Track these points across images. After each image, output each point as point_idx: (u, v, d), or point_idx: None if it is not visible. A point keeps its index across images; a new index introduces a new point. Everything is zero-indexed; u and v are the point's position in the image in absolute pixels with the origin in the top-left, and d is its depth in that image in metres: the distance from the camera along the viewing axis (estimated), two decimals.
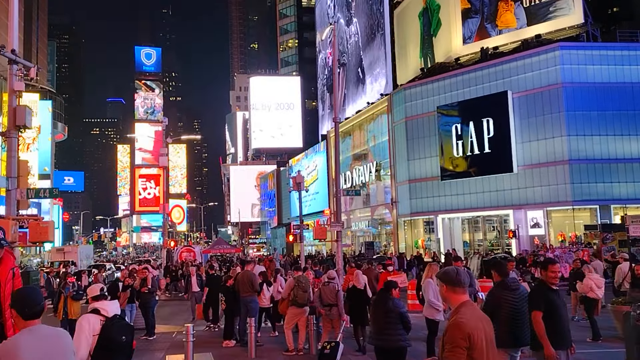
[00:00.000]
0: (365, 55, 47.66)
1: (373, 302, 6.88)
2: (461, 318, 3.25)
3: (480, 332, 3.23)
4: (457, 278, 3.49)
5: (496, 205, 31.40)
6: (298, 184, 23.43)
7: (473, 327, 3.21)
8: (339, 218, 14.56)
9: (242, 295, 10.60)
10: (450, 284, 3.47)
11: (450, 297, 3.52)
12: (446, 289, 3.56)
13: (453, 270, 3.63)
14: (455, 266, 3.71)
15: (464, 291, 3.53)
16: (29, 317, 3.12)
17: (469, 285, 5.01)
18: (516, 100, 30.82)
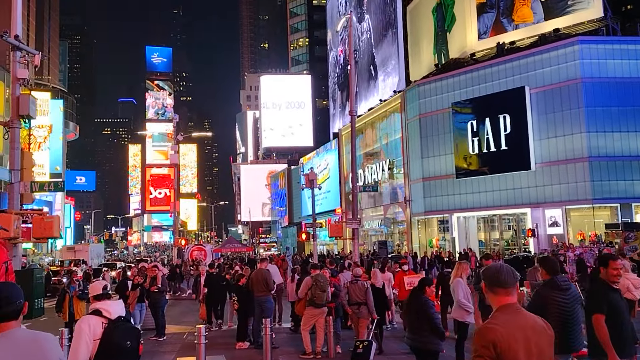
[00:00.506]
0: (377, 52, 47.03)
1: (406, 301, 6.54)
2: (490, 323, 2.83)
3: (516, 343, 2.76)
4: (497, 276, 2.98)
5: (513, 203, 30.64)
6: (311, 181, 22.91)
7: (504, 335, 2.76)
8: (355, 215, 13.99)
9: (256, 295, 10.10)
10: (489, 283, 3.00)
11: (489, 298, 3.05)
12: (486, 289, 3.05)
13: (494, 268, 3.09)
14: (499, 263, 3.14)
15: (507, 292, 2.98)
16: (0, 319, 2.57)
17: None
18: (534, 96, 30.05)
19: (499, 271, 3.03)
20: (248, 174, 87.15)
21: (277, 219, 76.49)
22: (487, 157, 31.16)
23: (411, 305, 6.33)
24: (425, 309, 5.99)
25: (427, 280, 6.62)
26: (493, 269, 3.07)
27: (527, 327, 2.87)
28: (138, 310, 11.26)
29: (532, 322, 2.92)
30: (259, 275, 10.18)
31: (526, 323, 2.89)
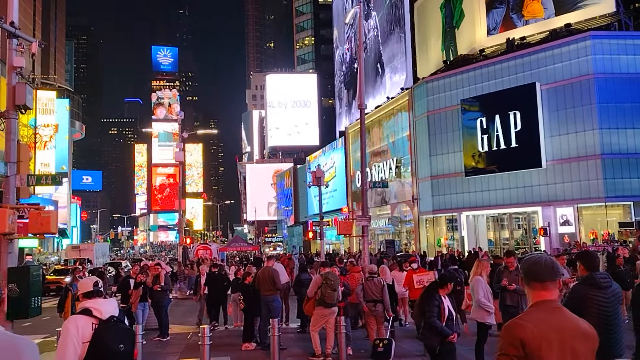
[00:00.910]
0: (384, 50, 46.57)
1: (417, 300, 6.36)
2: (520, 319, 2.51)
3: (549, 345, 2.41)
4: (534, 268, 2.64)
5: (523, 202, 30.08)
6: (318, 179, 22.48)
7: (535, 334, 2.42)
8: (365, 212, 13.55)
9: (262, 294, 9.69)
10: (526, 276, 2.66)
11: (527, 293, 2.69)
12: (521, 281, 2.67)
13: (532, 259, 2.69)
14: (539, 254, 2.72)
15: (543, 287, 2.60)
16: None
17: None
18: (545, 92, 29.48)
19: (536, 263, 2.65)
20: (254, 173, 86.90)
21: (283, 218, 76.16)
22: (496, 155, 30.62)
23: (422, 301, 6.17)
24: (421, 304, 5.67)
25: (448, 277, 6.26)
26: (530, 261, 2.69)
27: (566, 329, 2.46)
28: (141, 310, 10.86)
29: (572, 324, 2.50)
30: (266, 273, 9.76)
31: (565, 324, 2.48)
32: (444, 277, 6.48)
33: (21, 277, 7.42)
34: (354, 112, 55.36)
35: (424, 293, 6.49)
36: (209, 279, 13.03)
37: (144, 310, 11.00)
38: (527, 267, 2.65)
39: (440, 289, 6.44)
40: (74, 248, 41.70)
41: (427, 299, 6.30)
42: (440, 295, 6.34)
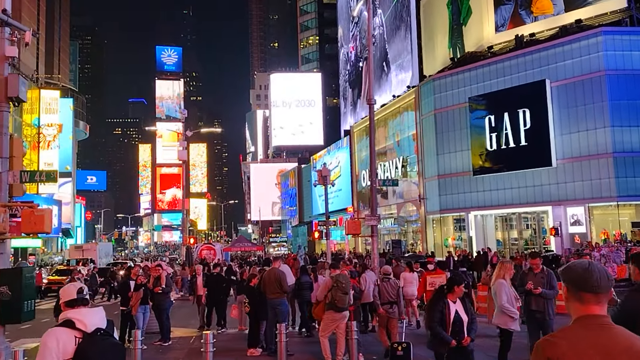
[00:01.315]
0: (390, 48, 46.04)
1: (428, 303, 6.22)
2: (553, 336, 2.09)
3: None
4: (586, 278, 2.13)
5: (533, 201, 29.51)
6: (324, 177, 21.99)
7: (568, 354, 2.00)
8: (375, 211, 13.06)
9: (268, 297, 9.20)
10: (575, 286, 2.15)
11: (570, 306, 2.18)
12: (567, 293, 2.18)
13: (582, 266, 2.17)
14: (586, 260, 2.15)
15: (597, 300, 2.11)
16: None
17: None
18: (555, 89, 28.90)
19: (588, 271, 2.13)
20: (258, 172, 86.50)
21: (287, 218, 75.71)
22: (505, 153, 30.05)
23: (431, 304, 5.93)
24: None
25: (452, 282, 5.95)
26: (580, 268, 2.17)
27: (614, 350, 1.96)
28: (141, 313, 10.38)
29: (624, 344, 1.99)
30: (272, 275, 9.27)
31: (614, 345, 1.97)
32: (452, 281, 6.10)
33: (13, 279, 6.98)
34: (359, 111, 54.86)
35: (431, 298, 6.23)
36: (207, 280, 12.58)
37: (145, 313, 10.52)
38: (577, 275, 2.15)
39: (448, 293, 6.04)
40: (77, 248, 41.37)
41: (430, 304, 6.07)
42: (447, 300, 5.98)
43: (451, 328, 5.80)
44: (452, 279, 6.27)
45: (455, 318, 5.86)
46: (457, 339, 5.72)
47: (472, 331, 6.00)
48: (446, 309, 5.86)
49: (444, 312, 5.82)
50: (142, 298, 10.26)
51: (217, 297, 12.08)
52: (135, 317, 10.23)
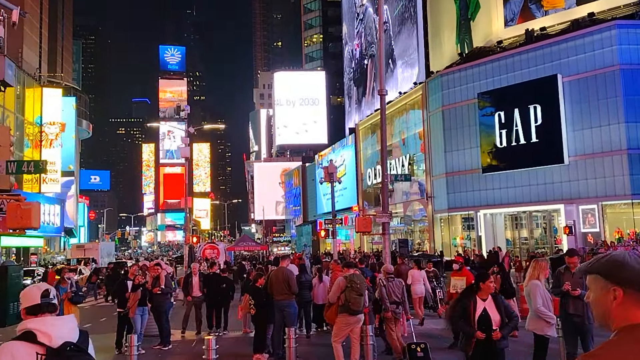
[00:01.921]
0: (396, 44, 45.31)
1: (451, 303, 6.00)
2: (592, 355, 1.53)
3: None
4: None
5: (544, 199, 28.74)
6: (330, 174, 21.32)
7: None
8: (386, 208, 12.38)
9: (276, 299, 8.53)
10: (630, 283, 1.58)
11: (623, 312, 1.59)
12: (623, 296, 1.58)
13: (634, 259, 1.62)
14: (628, 252, 1.47)
15: None
16: None
17: None
18: (567, 84, 28.13)
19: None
20: (261, 171, 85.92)
21: (291, 217, 75.10)
22: (516, 150, 29.29)
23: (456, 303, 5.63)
24: None
25: (480, 276, 5.61)
26: (634, 260, 1.62)
27: None
28: (139, 315, 9.70)
29: None
30: (280, 275, 8.60)
31: None
32: (478, 278, 5.70)
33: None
34: (364, 110, 54.16)
35: (467, 294, 5.75)
36: (206, 280, 11.93)
37: (143, 315, 9.84)
38: (631, 271, 1.59)
39: (477, 292, 5.60)
40: (78, 247, 40.87)
41: (454, 300, 5.88)
42: (476, 298, 5.54)
43: (476, 326, 5.36)
44: (478, 275, 5.80)
45: (482, 316, 5.38)
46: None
47: (506, 329, 5.44)
48: (471, 305, 5.43)
49: (468, 308, 5.42)
50: (139, 299, 9.58)
51: (216, 299, 11.42)
52: (133, 319, 9.58)
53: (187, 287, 12.07)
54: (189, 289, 12.14)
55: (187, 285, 12.11)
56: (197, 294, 12.08)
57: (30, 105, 54.83)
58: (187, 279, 12.05)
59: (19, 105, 51.32)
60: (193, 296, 12.03)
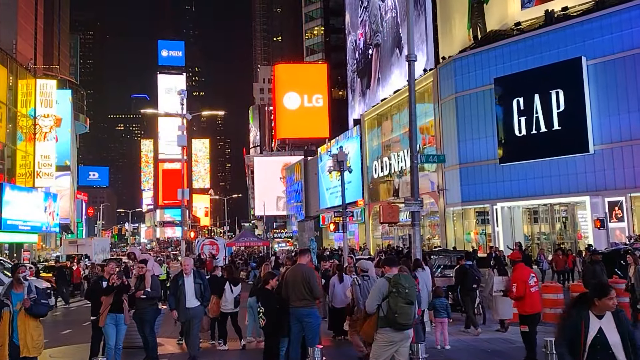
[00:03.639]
0: (403, 31, 43.40)
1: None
2: None
3: None
4: None
5: (567, 191, 26.85)
6: (340, 162, 19.43)
7: None
8: (416, 194, 10.51)
9: (293, 305, 6.64)
10: None
11: None
12: None
13: None
14: None
15: None
16: None
17: None
18: (591, 67, 26.20)
19: None
20: (262, 166, 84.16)
21: (292, 213, 73.28)
22: (536, 139, 27.37)
23: None
24: None
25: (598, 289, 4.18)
26: None
27: None
28: (112, 325, 7.66)
29: None
30: (298, 275, 6.68)
31: None
32: (594, 291, 4.17)
33: None
34: (368, 101, 52.30)
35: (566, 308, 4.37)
36: None
37: (119, 325, 7.82)
38: None
39: (593, 304, 4.12)
40: (71, 243, 39.13)
41: (561, 316, 4.36)
42: (589, 313, 4.09)
43: (587, 354, 3.97)
44: (595, 287, 4.18)
45: (596, 339, 4.04)
46: None
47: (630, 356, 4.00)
48: (582, 325, 4.08)
49: (579, 328, 4.08)
50: (114, 305, 7.60)
51: None
52: (104, 330, 7.61)
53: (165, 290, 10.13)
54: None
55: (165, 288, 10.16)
56: None
57: (24, 97, 52.98)
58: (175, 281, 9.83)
59: (11, 97, 49.43)
60: None
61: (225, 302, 10.09)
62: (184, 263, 9.10)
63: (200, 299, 8.68)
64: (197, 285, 8.66)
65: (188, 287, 8.59)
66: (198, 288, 8.65)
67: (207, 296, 8.82)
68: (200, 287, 8.68)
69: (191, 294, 8.53)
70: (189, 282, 8.64)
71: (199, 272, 9.00)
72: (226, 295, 10.07)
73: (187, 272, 8.74)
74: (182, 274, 8.81)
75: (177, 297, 8.54)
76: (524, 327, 7.90)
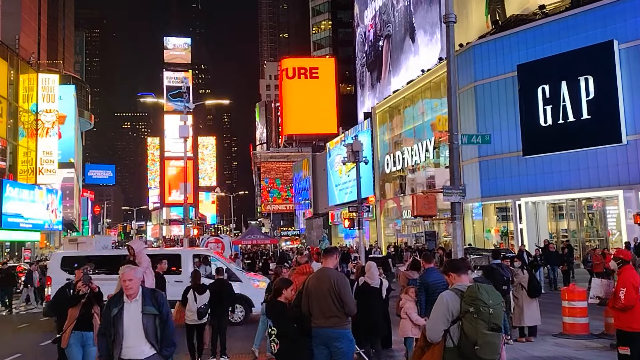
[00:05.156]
0: (416, 19, 41.65)
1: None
2: None
3: None
4: None
5: (597, 185, 24.99)
6: (355, 153, 17.72)
7: None
8: (457, 182, 8.82)
9: (316, 324, 4.96)
10: None
11: None
12: None
13: None
14: None
15: None
16: None
17: None
18: (624, 52, 24.30)
19: None
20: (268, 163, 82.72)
21: (302, 210, 71.70)
22: (563, 129, 25.52)
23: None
24: None
25: None
26: None
27: None
28: (77, 347, 5.76)
29: None
30: (325, 282, 4.93)
31: None
32: None
33: None
34: (378, 95, 50.62)
35: None
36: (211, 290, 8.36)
37: (87, 346, 5.93)
38: None
39: None
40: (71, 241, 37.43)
41: None
42: None
43: None
44: None
45: None
46: None
47: None
48: None
49: None
50: (79, 319, 5.79)
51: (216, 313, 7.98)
52: (67, 352, 5.89)
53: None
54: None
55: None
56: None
57: (25, 91, 51.73)
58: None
59: (12, 91, 48.16)
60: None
61: (188, 312, 8.67)
62: (124, 277, 4.72)
63: (157, 345, 4.64)
64: (147, 319, 4.66)
65: (131, 321, 4.65)
66: (150, 323, 4.65)
67: (167, 338, 4.70)
68: (154, 322, 4.65)
69: (137, 335, 4.61)
70: (132, 311, 4.69)
71: (155, 293, 4.86)
72: (190, 305, 8.62)
73: (131, 292, 4.72)
74: (122, 295, 4.78)
75: (109, 339, 4.68)
76: (625, 348, 6.08)
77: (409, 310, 7.89)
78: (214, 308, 8.87)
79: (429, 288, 7.21)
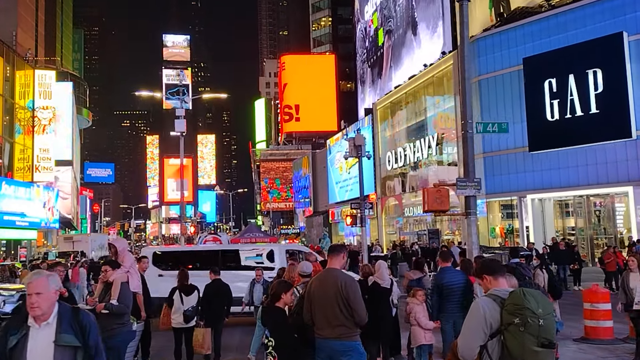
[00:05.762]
0: (418, 13, 40.91)
1: None
2: None
3: None
4: None
5: (606, 181, 24.29)
6: (357, 147, 17.01)
7: None
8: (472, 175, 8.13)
9: (320, 334, 4.25)
10: None
11: None
12: None
13: None
14: None
15: None
16: None
17: None
18: (633, 44, 23.61)
19: None
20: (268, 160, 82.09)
21: (302, 208, 71.02)
22: (571, 124, 24.82)
23: None
24: None
25: None
26: None
27: None
28: None
29: None
30: (330, 285, 4.20)
31: None
32: None
33: None
34: (379, 90, 49.85)
35: None
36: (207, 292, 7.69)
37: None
38: None
39: None
40: (66, 239, 37.04)
41: None
42: None
43: None
44: None
45: None
46: None
47: None
48: None
49: None
50: None
51: (213, 316, 7.31)
52: None
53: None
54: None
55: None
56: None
57: (22, 88, 51.01)
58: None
59: (8, 88, 47.39)
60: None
61: (174, 315, 7.99)
62: (29, 288, 3.21)
63: None
64: (62, 353, 3.19)
65: (37, 356, 3.18)
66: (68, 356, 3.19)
67: None
68: (73, 359, 3.18)
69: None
70: (40, 340, 3.19)
71: (79, 316, 3.31)
72: (176, 307, 7.95)
73: (38, 313, 3.19)
74: (26, 318, 3.25)
75: None
76: None
77: (418, 314, 7.25)
78: (209, 311, 8.19)
79: (444, 290, 6.52)
